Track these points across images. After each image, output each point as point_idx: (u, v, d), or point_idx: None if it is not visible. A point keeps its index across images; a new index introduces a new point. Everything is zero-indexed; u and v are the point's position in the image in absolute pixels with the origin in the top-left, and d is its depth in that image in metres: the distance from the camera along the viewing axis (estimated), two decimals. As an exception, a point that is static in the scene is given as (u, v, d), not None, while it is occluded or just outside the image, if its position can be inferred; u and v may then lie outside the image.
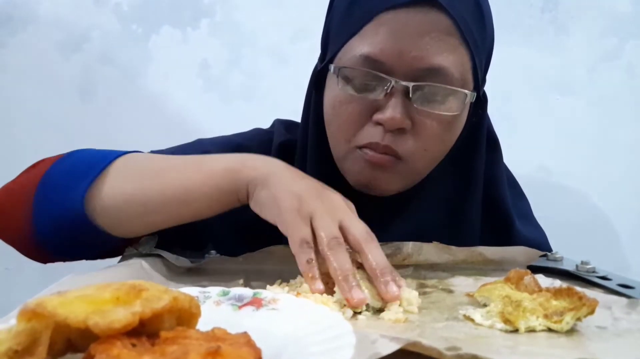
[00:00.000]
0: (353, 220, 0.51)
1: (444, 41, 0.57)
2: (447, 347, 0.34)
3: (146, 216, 0.57)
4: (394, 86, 0.57)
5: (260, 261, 0.59)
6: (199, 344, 0.27)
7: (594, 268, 0.58)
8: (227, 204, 0.56)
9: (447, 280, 0.56)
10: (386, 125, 0.58)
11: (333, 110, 0.63)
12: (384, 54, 0.57)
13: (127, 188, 0.56)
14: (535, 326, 0.41)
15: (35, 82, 1.29)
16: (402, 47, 0.57)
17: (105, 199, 0.56)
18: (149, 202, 0.56)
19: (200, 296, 0.41)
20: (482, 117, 0.69)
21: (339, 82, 0.60)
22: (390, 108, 0.57)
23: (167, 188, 0.55)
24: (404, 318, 0.44)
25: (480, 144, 0.70)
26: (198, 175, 0.55)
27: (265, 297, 0.41)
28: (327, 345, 0.31)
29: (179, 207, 0.56)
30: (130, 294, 0.29)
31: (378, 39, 0.57)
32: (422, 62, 0.57)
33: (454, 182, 0.70)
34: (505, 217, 0.73)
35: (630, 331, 0.41)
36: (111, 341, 0.26)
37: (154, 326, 0.29)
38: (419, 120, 0.59)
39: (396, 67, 0.57)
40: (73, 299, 0.28)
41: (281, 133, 0.75)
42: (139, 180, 0.57)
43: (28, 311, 0.27)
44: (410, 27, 0.56)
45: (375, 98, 0.59)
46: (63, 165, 0.59)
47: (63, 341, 0.28)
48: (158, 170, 0.58)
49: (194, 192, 0.55)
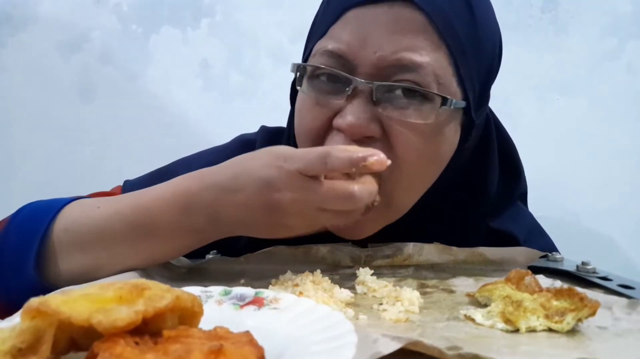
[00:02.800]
0: (323, 149, 0.44)
1: (417, 39, 0.51)
2: (448, 346, 0.34)
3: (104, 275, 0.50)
4: (356, 86, 0.51)
5: (261, 262, 0.59)
6: (201, 343, 0.27)
7: (595, 269, 0.58)
8: (195, 245, 0.51)
9: (447, 280, 0.56)
10: (346, 133, 0.51)
11: (298, 117, 0.57)
12: (347, 50, 0.52)
13: (77, 263, 0.50)
14: (536, 326, 0.41)
15: (35, 82, 1.29)
16: (369, 43, 0.51)
17: (61, 275, 0.51)
18: (108, 269, 0.50)
19: (202, 295, 0.41)
20: (484, 144, 0.61)
21: (302, 84, 0.55)
22: (349, 113, 0.51)
23: (117, 256, 0.50)
24: (405, 317, 0.44)
25: (486, 181, 0.62)
26: (146, 244, 0.50)
27: (267, 296, 0.41)
28: (329, 344, 0.31)
29: (147, 262, 0.51)
30: (133, 293, 0.29)
31: (343, 35, 0.52)
32: (389, 59, 0.50)
33: (454, 212, 0.63)
34: (511, 243, 0.65)
35: (630, 331, 0.41)
36: (114, 340, 0.26)
37: (157, 325, 0.29)
38: (389, 128, 0.52)
39: (361, 66, 0.51)
40: (76, 298, 0.28)
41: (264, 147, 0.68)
42: (87, 250, 0.50)
43: (32, 310, 0.27)
44: (379, 24, 0.51)
45: (338, 102, 0.52)
46: (5, 237, 0.53)
47: (66, 339, 0.28)
48: (103, 238, 0.50)
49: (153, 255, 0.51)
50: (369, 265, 0.57)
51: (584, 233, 1.23)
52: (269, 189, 0.45)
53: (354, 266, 0.58)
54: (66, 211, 0.53)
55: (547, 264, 0.62)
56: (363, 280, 0.52)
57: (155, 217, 0.49)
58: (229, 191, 0.47)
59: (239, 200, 0.47)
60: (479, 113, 0.58)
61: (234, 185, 0.47)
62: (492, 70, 0.59)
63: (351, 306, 0.47)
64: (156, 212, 0.49)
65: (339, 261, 0.60)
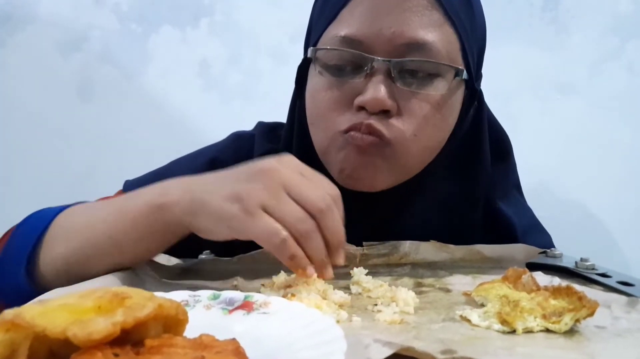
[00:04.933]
0: (299, 186, 0.45)
1: (427, 15, 0.54)
2: (442, 350, 0.34)
3: (88, 271, 0.51)
4: (374, 65, 0.54)
5: (255, 262, 0.59)
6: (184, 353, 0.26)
7: (594, 265, 0.57)
8: (168, 240, 0.51)
9: (444, 279, 0.56)
10: (368, 107, 0.54)
11: (313, 100, 0.60)
12: (362, 33, 0.54)
13: (60, 251, 0.52)
14: (533, 327, 0.41)
15: (34, 81, 1.29)
16: (381, 23, 0.54)
17: (47, 267, 0.52)
18: (86, 260, 0.51)
19: (190, 299, 0.41)
20: (480, 115, 0.66)
21: (317, 68, 0.58)
22: (372, 89, 0.54)
23: (98, 242, 0.51)
24: (400, 319, 0.43)
25: (481, 150, 0.66)
26: (123, 224, 0.50)
27: (257, 301, 0.40)
28: (318, 350, 0.31)
29: (119, 257, 0.51)
30: (113, 302, 0.28)
31: (354, 20, 0.55)
32: (403, 37, 0.54)
33: (453, 184, 0.66)
34: (508, 230, 0.68)
35: (630, 330, 0.40)
36: (92, 352, 0.25)
37: (139, 334, 0.28)
38: (404, 102, 0.55)
39: (376, 45, 0.54)
40: (54, 308, 0.27)
41: (262, 143, 0.69)
42: (72, 239, 0.52)
43: (6, 322, 0.26)
44: (388, 3, 0.54)
45: (356, 81, 0.56)
46: (11, 239, 0.55)
47: (45, 350, 0.27)
48: (87, 225, 0.53)
49: (125, 242, 0.50)
50: (364, 264, 0.57)
51: (584, 231, 1.22)
52: (250, 176, 0.46)
53: (349, 266, 0.58)
54: (65, 211, 0.55)
55: (545, 260, 0.61)
56: (358, 280, 0.52)
57: (133, 217, 0.50)
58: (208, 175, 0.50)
59: (215, 175, 0.49)
60: (477, 84, 0.63)
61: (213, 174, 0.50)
62: (483, 46, 0.64)
63: (345, 307, 0.46)
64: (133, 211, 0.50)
65: (333, 261, 0.60)
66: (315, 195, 0.45)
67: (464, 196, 0.66)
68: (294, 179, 0.46)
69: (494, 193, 0.68)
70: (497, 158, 0.68)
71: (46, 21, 1.28)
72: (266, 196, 0.44)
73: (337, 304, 0.46)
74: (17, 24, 1.28)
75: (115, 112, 1.30)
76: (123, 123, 1.30)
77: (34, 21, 1.28)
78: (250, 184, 0.45)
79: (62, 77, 1.29)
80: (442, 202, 0.66)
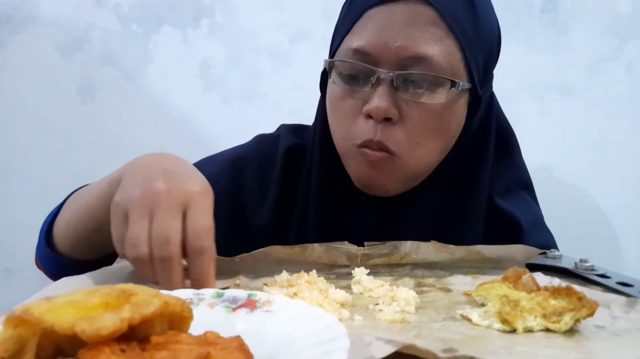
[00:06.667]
0: (162, 214, 0.47)
1: (429, 31, 0.59)
2: (443, 349, 0.34)
3: (85, 236, 0.59)
4: (379, 76, 0.60)
5: (257, 261, 0.59)
6: (189, 349, 0.27)
7: (593, 266, 0.58)
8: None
9: (444, 279, 0.56)
10: (373, 114, 0.60)
11: (331, 106, 0.66)
12: (371, 46, 0.60)
13: (65, 217, 0.62)
14: (533, 327, 0.41)
15: (35, 82, 1.29)
16: (388, 37, 0.59)
17: (58, 230, 0.63)
18: (77, 224, 0.59)
19: (194, 298, 0.41)
20: (488, 119, 0.68)
21: (333, 77, 0.64)
22: (376, 98, 0.59)
23: (81, 218, 0.59)
24: (401, 318, 0.43)
25: (486, 149, 0.69)
26: (87, 212, 0.58)
27: (260, 299, 0.40)
28: (321, 348, 0.31)
29: (97, 224, 0.56)
30: (120, 299, 0.28)
31: (366, 33, 0.61)
32: (407, 51, 0.59)
33: (455, 186, 0.69)
34: (513, 227, 0.70)
35: (629, 330, 0.41)
36: (99, 348, 0.25)
37: (145, 331, 0.28)
38: (406, 111, 0.60)
39: (383, 58, 0.60)
40: (61, 305, 0.27)
41: (288, 138, 0.75)
42: (68, 212, 0.62)
43: (15, 318, 0.26)
44: (395, 19, 0.59)
45: (365, 90, 0.61)
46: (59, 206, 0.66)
47: (52, 346, 0.28)
48: (81, 195, 0.62)
49: (98, 224, 0.55)
50: (365, 264, 0.57)
51: (583, 232, 1.22)
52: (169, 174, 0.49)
53: (350, 266, 0.58)
54: (84, 187, 0.65)
55: (545, 261, 0.61)
56: (359, 279, 0.52)
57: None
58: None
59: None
60: (484, 90, 0.66)
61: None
62: (492, 53, 0.67)
63: (347, 306, 0.47)
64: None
65: (335, 261, 0.60)
66: (202, 232, 0.47)
67: (464, 199, 0.69)
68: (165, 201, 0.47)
69: (492, 189, 0.70)
70: (498, 155, 0.71)
71: (47, 22, 1.28)
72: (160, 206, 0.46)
73: (338, 303, 0.46)
74: (18, 25, 1.28)
75: (116, 113, 1.30)
76: (124, 124, 1.30)
77: (34, 22, 1.28)
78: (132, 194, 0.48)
79: (63, 78, 1.29)
80: (442, 204, 0.68)
